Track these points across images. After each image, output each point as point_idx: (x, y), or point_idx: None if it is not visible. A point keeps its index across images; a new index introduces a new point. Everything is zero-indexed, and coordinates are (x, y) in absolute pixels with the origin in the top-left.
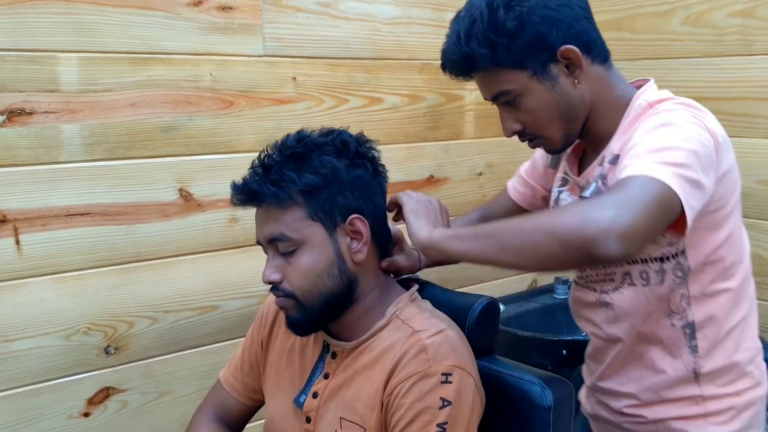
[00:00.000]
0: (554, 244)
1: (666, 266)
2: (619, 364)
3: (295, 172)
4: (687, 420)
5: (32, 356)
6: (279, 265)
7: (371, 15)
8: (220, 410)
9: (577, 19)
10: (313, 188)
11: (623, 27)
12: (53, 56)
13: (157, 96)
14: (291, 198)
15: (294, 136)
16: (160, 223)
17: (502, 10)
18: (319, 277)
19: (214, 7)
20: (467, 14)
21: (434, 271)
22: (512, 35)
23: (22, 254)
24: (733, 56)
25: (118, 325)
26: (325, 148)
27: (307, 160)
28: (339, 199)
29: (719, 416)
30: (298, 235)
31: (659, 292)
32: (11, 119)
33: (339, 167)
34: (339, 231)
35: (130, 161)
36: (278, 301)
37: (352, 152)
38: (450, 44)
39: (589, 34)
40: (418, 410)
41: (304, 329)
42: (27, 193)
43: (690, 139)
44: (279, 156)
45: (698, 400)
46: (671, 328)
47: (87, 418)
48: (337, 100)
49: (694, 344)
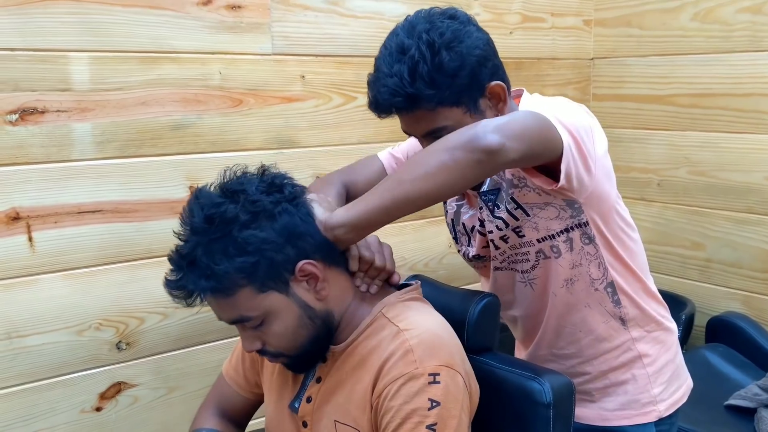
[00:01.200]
0: (455, 153)
1: (572, 235)
2: (553, 334)
3: (225, 259)
4: (625, 367)
5: (45, 351)
6: (253, 335)
7: (379, 13)
8: (223, 405)
9: (495, 56)
10: (250, 267)
11: (632, 23)
12: (64, 56)
13: (167, 94)
14: (234, 284)
15: (199, 213)
16: (170, 220)
17: (444, 51)
18: (296, 333)
19: (222, 6)
20: (404, 55)
21: (443, 268)
22: (454, 74)
23: (35, 251)
24: (742, 52)
25: (129, 321)
26: (240, 220)
27: (229, 242)
28: (279, 260)
29: (648, 357)
30: (258, 311)
31: (572, 260)
32: (24, 118)
33: (264, 236)
34: (293, 284)
35: (140, 159)
36: (270, 360)
37: (268, 207)
38: (390, 85)
39: (503, 70)
40: (407, 412)
41: (304, 368)
42: (39, 190)
43: (579, 112)
44: (197, 242)
45: (630, 344)
46: (596, 292)
47: (99, 412)
48: (345, 98)
49: (616, 299)
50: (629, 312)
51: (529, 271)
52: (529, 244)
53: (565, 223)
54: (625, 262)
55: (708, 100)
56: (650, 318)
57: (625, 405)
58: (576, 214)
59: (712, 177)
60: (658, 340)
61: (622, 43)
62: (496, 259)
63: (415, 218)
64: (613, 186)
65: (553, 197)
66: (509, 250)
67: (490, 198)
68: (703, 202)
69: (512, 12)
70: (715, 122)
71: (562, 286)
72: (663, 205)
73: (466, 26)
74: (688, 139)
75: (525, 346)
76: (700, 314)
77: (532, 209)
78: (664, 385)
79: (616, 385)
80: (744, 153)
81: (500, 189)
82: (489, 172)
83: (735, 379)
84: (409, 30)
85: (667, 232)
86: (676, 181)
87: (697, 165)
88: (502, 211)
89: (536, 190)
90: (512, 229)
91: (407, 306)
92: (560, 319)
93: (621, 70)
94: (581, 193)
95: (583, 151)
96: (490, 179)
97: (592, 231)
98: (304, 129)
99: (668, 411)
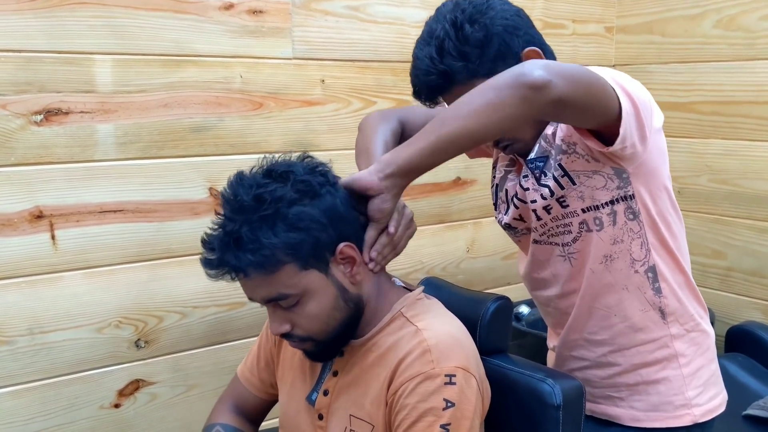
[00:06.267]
0: (501, 90)
1: (617, 208)
2: (586, 315)
3: (273, 235)
4: (659, 364)
5: (66, 348)
6: (284, 316)
7: (400, 18)
8: (238, 402)
9: (529, 26)
10: (298, 244)
11: (654, 30)
12: (89, 58)
13: (189, 97)
14: (278, 261)
15: (247, 193)
16: (190, 221)
17: (467, 24)
18: (330, 316)
19: (244, 11)
20: (432, 38)
21: (461, 272)
22: (482, 45)
23: (57, 249)
24: (765, 60)
25: (149, 320)
26: (290, 198)
27: (278, 218)
28: (323, 240)
29: (685, 357)
30: (297, 289)
31: (613, 234)
32: (48, 119)
33: (313, 213)
34: (332, 265)
35: (161, 160)
36: (294, 345)
37: (316, 188)
38: (423, 67)
39: (539, 39)
40: (421, 411)
41: (327, 357)
42: (62, 189)
43: (639, 87)
44: (245, 220)
45: (668, 341)
46: (635, 275)
47: (117, 409)
48: (364, 103)
49: (657, 286)
50: (670, 304)
51: (570, 244)
52: (573, 215)
53: (611, 194)
54: (669, 248)
55: (730, 108)
56: (690, 316)
57: (657, 406)
58: (623, 185)
59: (733, 185)
60: (696, 341)
61: (644, 50)
62: (537, 231)
63: (434, 222)
64: (666, 166)
65: (602, 165)
66: (551, 221)
67: (537, 165)
68: (725, 210)
69: (533, 18)
70: (738, 130)
71: (600, 262)
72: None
73: (490, 1)
74: (710, 147)
75: (557, 332)
76: (720, 323)
77: (578, 177)
78: (700, 389)
79: (647, 383)
80: (766, 161)
81: (548, 157)
82: (536, 110)
83: (754, 389)
84: (436, 15)
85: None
86: (697, 189)
87: (719, 173)
88: (549, 179)
89: (585, 157)
90: (556, 198)
91: (426, 307)
92: (595, 299)
93: (643, 77)
94: (632, 162)
95: (641, 118)
96: (539, 146)
97: (638, 206)
98: (324, 132)
99: (704, 417)
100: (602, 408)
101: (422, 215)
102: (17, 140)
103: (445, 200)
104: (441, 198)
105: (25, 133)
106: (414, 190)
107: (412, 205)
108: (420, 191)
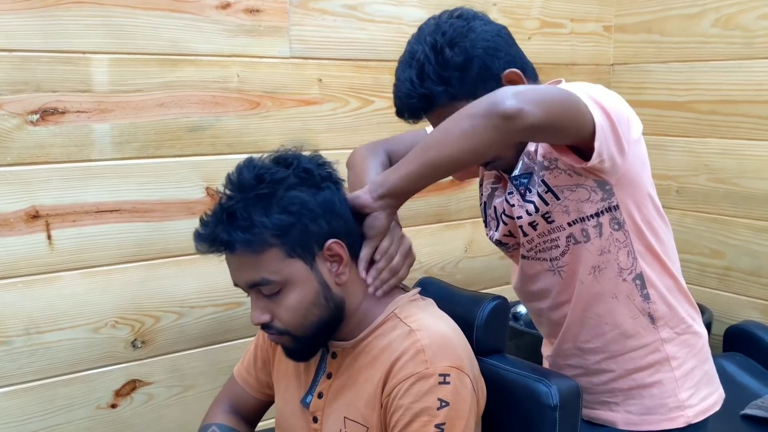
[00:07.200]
0: (474, 119)
1: (602, 220)
2: (578, 325)
3: (265, 215)
4: (652, 368)
5: (63, 348)
6: (265, 306)
7: (397, 17)
8: (234, 403)
9: (510, 45)
10: (287, 227)
11: (653, 29)
12: (85, 57)
13: (186, 96)
14: (265, 242)
15: (250, 172)
16: (187, 221)
17: (447, 48)
18: (308, 310)
19: (241, 10)
20: (412, 61)
21: (459, 272)
22: (462, 68)
23: (54, 249)
24: (764, 59)
25: (145, 320)
26: (289, 182)
27: (273, 199)
28: (313, 230)
29: (676, 360)
30: (280, 276)
31: (600, 246)
32: (45, 118)
33: (307, 200)
34: (318, 260)
35: (158, 160)
36: (272, 338)
37: (316, 178)
38: (404, 90)
39: (521, 58)
40: (416, 411)
41: (304, 356)
42: (59, 189)
43: (615, 99)
44: (241, 198)
45: (658, 345)
46: (623, 283)
47: (114, 409)
48: (362, 102)
49: (645, 293)
50: (659, 309)
51: (558, 258)
52: (559, 229)
53: (596, 206)
54: (656, 254)
55: (728, 107)
56: (680, 319)
57: (652, 409)
58: (607, 196)
59: (732, 184)
60: (688, 343)
61: (642, 49)
62: (524, 246)
63: (432, 222)
64: (648, 174)
65: (584, 178)
66: (537, 237)
67: (521, 182)
68: (723, 209)
69: (531, 17)
70: (736, 129)
71: (589, 273)
72: (682, 212)
73: (471, 22)
74: (708, 146)
75: (550, 341)
76: (718, 323)
77: (562, 192)
78: (693, 390)
79: (641, 387)
80: (765, 160)
81: (532, 173)
82: (510, 136)
83: (752, 388)
84: (418, 36)
85: (686, 240)
86: (695, 189)
87: (717, 172)
88: (534, 195)
89: (567, 172)
90: (542, 215)
91: (419, 307)
92: (586, 309)
93: (641, 77)
94: (613, 174)
95: (617, 131)
96: (522, 163)
97: (623, 216)
98: (322, 132)
99: (697, 418)
100: (598, 413)
101: (420, 215)
102: (13, 140)
103: (443, 200)
104: (439, 198)
105: (21, 133)
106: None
107: (411, 205)
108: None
